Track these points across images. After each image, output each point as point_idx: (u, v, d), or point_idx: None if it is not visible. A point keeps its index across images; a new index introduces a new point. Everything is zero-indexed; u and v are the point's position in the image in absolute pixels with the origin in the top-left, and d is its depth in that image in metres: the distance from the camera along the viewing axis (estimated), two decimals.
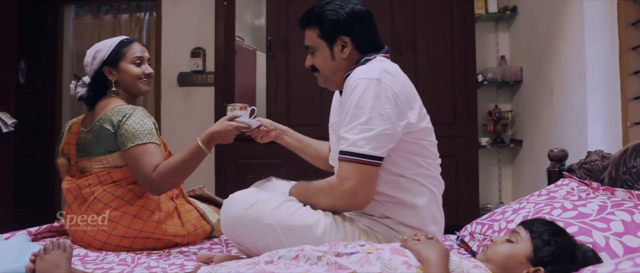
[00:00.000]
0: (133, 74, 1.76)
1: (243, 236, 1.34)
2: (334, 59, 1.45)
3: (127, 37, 1.82)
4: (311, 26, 1.47)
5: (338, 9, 1.43)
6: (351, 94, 1.31)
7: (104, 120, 1.66)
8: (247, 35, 3.77)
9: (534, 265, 1.03)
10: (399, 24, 3.26)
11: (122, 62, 1.75)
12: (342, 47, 1.44)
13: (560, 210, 1.40)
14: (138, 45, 1.80)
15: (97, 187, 1.65)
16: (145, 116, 1.69)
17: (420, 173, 1.38)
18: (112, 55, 1.74)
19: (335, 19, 1.42)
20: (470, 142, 3.25)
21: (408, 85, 1.40)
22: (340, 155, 1.30)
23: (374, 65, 1.38)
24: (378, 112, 1.28)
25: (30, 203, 3.82)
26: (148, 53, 1.84)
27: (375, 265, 1.01)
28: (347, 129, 1.30)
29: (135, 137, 1.61)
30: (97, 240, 1.64)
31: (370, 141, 1.27)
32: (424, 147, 1.39)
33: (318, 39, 1.46)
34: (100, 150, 1.67)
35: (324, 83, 1.53)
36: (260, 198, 1.33)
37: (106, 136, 1.65)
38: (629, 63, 2.43)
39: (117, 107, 1.68)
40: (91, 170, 1.68)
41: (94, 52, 1.75)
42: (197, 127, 3.83)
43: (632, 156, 1.56)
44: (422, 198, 1.37)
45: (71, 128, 1.81)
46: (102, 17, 4.76)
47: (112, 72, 1.75)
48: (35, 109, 4.07)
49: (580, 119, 2.63)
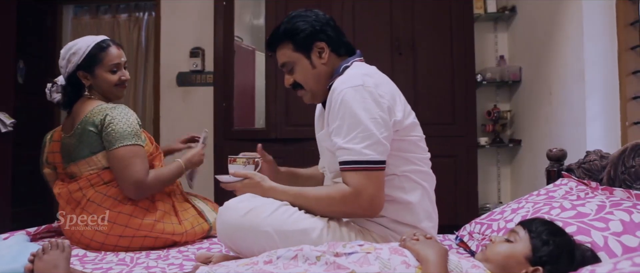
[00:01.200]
0: (109, 82, 1.71)
1: (239, 243, 1.34)
2: (314, 67, 1.46)
3: (103, 38, 1.75)
4: (282, 43, 1.47)
5: (306, 18, 1.45)
6: (340, 105, 1.31)
7: (85, 122, 1.64)
8: (246, 35, 3.77)
9: (533, 264, 1.03)
10: (398, 23, 3.26)
11: (97, 69, 1.69)
12: (320, 53, 1.45)
13: (559, 209, 1.40)
14: (115, 49, 1.73)
15: (89, 189, 1.64)
16: (129, 114, 1.66)
17: (411, 170, 1.39)
18: (87, 60, 1.68)
19: (306, 28, 1.44)
20: (469, 141, 3.25)
21: (389, 85, 1.42)
22: (348, 165, 1.30)
23: (354, 72, 1.39)
24: (372, 118, 1.29)
25: (29, 203, 3.81)
26: (125, 56, 1.78)
27: (374, 265, 1.01)
28: (347, 139, 1.30)
29: (123, 138, 1.60)
30: (95, 241, 1.63)
31: (374, 147, 1.28)
32: (412, 143, 1.40)
33: (294, 53, 1.46)
34: (84, 153, 1.65)
35: (311, 99, 1.51)
36: (255, 206, 1.33)
37: (90, 138, 1.63)
38: (627, 63, 2.43)
39: (97, 108, 1.65)
40: (81, 175, 1.67)
41: (68, 55, 1.70)
42: (196, 127, 3.82)
43: (630, 156, 1.56)
44: (414, 194, 1.39)
45: (52, 136, 1.79)
46: (100, 17, 4.76)
47: (87, 76, 1.70)
48: (34, 109, 4.06)
49: (579, 118, 2.63)
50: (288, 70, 1.49)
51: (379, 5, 3.24)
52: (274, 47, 1.49)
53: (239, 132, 3.35)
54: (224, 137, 3.34)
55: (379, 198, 1.30)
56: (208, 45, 3.77)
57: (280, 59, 1.49)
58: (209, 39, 3.61)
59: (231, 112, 3.37)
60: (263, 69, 3.38)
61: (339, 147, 1.31)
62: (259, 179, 1.41)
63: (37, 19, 4.16)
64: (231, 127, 3.36)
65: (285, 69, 1.50)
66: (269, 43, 1.51)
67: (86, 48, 1.69)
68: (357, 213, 1.35)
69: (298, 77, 1.48)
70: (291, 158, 2.89)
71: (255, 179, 1.41)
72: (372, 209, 1.32)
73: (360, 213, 1.34)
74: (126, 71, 1.78)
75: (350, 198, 1.30)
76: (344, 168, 1.31)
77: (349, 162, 1.29)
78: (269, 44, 1.51)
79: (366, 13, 3.19)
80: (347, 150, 1.29)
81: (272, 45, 1.50)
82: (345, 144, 1.30)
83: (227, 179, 1.44)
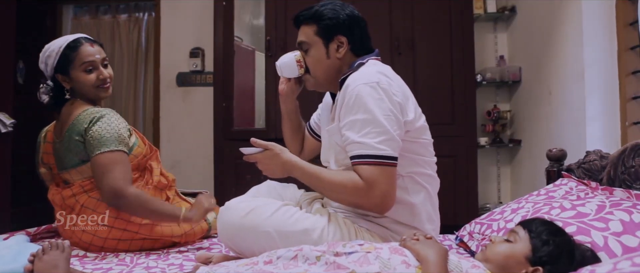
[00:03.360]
0: (85, 83, 1.62)
1: (240, 243, 1.34)
2: (328, 57, 1.47)
3: (76, 37, 1.66)
4: (308, 23, 1.48)
5: (338, 10, 1.47)
6: (354, 100, 1.32)
7: (71, 130, 1.58)
8: (246, 35, 3.77)
9: (533, 264, 1.03)
10: (397, 23, 3.26)
11: (72, 70, 1.61)
12: (338, 47, 1.46)
13: (559, 209, 1.40)
14: (88, 47, 1.63)
15: (82, 195, 1.61)
16: (114, 119, 1.58)
17: (417, 172, 1.39)
18: (60, 62, 1.61)
19: (334, 18, 1.45)
20: (469, 141, 3.25)
21: (403, 85, 1.42)
22: (362, 159, 1.29)
23: (369, 69, 1.40)
24: (386, 115, 1.30)
25: (29, 203, 3.81)
26: (102, 53, 1.66)
27: (374, 265, 1.01)
28: (361, 134, 1.29)
29: (103, 144, 1.52)
30: (95, 241, 1.63)
31: (389, 143, 1.29)
32: (421, 145, 1.41)
33: (314, 36, 1.47)
34: (74, 162, 1.60)
35: (313, 85, 1.53)
36: (256, 206, 1.33)
37: (77, 147, 1.58)
38: (627, 63, 2.43)
39: (83, 113, 1.58)
40: (74, 182, 1.63)
41: (45, 58, 1.64)
42: (196, 127, 3.86)
43: (630, 156, 1.56)
44: (418, 196, 1.39)
45: (46, 137, 1.74)
46: (100, 17, 4.76)
47: (66, 79, 1.63)
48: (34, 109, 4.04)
49: (578, 118, 2.63)
50: (303, 50, 1.50)
51: (378, 5, 3.24)
52: (299, 23, 1.50)
53: (238, 132, 3.35)
54: (224, 137, 3.34)
55: (391, 194, 1.30)
56: (208, 45, 3.77)
57: (300, 36, 1.50)
58: (209, 39, 3.61)
59: (231, 112, 3.37)
60: (263, 69, 3.38)
61: (352, 141, 1.31)
62: (279, 151, 1.39)
63: (37, 19, 4.16)
64: (231, 127, 3.36)
65: (300, 48, 1.51)
66: (297, 17, 1.51)
67: (58, 50, 1.61)
68: (365, 207, 1.34)
69: (309, 60, 1.49)
70: None
71: (275, 150, 1.38)
72: (384, 205, 1.31)
73: (369, 207, 1.33)
74: (107, 69, 1.67)
75: (362, 191, 1.29)
76: (357, 162, 1.30)
77: (363, 155, 1.29)
78: (296, 18, 1.51)
79: (366, 13, 3.15)
80: (362, 145, 1.29)
81: (298, 21, 1.50)
82: (359, 139, 1.30)
83: (249, 151, 1.41)
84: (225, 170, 3.31)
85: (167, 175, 1.82)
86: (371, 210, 1.35)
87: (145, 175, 1.74)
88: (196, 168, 3.75)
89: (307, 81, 1.53)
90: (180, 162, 3.86)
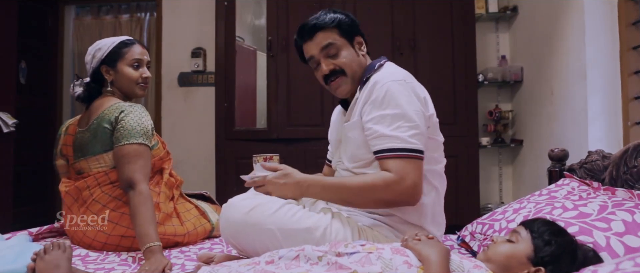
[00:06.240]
0: (129, 77, 1.74)
1: (242, 240, 1.34)
2: (358, 55, 1.50)
3: (129, 37, 1.80)
4: (327, 28, 1.46)
5: (346, 14, 1.52)
6: (384, 96, 1.34)
7: (101, 118, 1.65)
8: (247, 35, 3.77)
9: (535, 265, 1.03)
10: (399, 23, 3.26)
11: (120, 63, 1.73)
12: (359, 46, 1.51)
13: (561, 210, 1.40)
14: (138, 47, 1.78)
15: (96, 188, 1.64)
16: (143, 114, 1.68)
17: (429, 170, 1.40)
18: (110, 54, 1.72)
19: (351, 19, 1.50)
20: (470, 141, 3.25)
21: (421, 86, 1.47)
22: (392, 152, 1.30)
23: (393, 69, 1.45)
24: (415, 111, 1.34)
25: (31, 203, 3.82)
26: (148, 56, 1.82)
27: (376, 265, 1.01)
28: (392, 128, 1.32)
29: (131, 136, 1.60)
30: (97, 241, 1.63)
31: (419, 138, 1.32)
32: (436, 143, 1.45)
33: (340, 38, 1.48)
34: (97, 149, 1.66)
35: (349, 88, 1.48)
36: (259, 203, 1.33)
37: (104, 134, 1.64)
38: (629, 63, 2.43)
39: (114, 105, 1.67)
40: (89, 172, 1.67)
41: (94, 51, 1.74)
42: (198, 127, 3.86)
43: (632, 156, 1.56)
44: (427, 196, 1.40)
45: (68, 129, 1.80)
46: (102, 17, 4.76)
47: (110, 71, 1.73)
48: (36, 109, 4.07)
49: (580, 118, 2.62)
50: (329, 54, 1.47)
51: (379, 5, 3.24)
52: (314, 32, 1.47)
53: (240, 132, 3.35)
54: (226, 137, 3.34)
55: (420, 186, 1.32)
56: (209, 45, 3.77)
57: (325, 40, 1.46)
58: (211, 39, 3.61)
59: (232, 112, 3.37)
60: (264, 69, 3.38)
61: (382, 135, 1.32)
62: (290, 170, 1.39)
63: (38, 19, 4.17)
64: (232, 127, 3.36)
65: (324, 53, 1.47)
66: (312, 26, 1.47)
67: (111, 44, 1.74)
68: (398, 201, 1.35)
69: (343, 60, 1.47)
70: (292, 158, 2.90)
71: (286, 170, 1.38)
72: (414, 196, 1.32)
73: (402, 200, 1.34)
74: (148, 71, 1.80)
75: (394, 184, 1.29)
76: (386, 155, 1.31)
77: (393, 149, 1.31)
78: (312, 27, 1.47)
79: (367, 13, 3.19)
80: (393, 138, 1.31)
81: (314, 30, 1.47)
82: (391, 132, 1.31)
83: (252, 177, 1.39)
84: (227, 170, 3.32)
85: (176, 176, 1.88)
86: (403, 203, 1.36)
87: (156, 176, 1.78)
88: (198, 168, 3.76)
89: (339, 87, 1.49)
90: (181, 161, 3.85)
